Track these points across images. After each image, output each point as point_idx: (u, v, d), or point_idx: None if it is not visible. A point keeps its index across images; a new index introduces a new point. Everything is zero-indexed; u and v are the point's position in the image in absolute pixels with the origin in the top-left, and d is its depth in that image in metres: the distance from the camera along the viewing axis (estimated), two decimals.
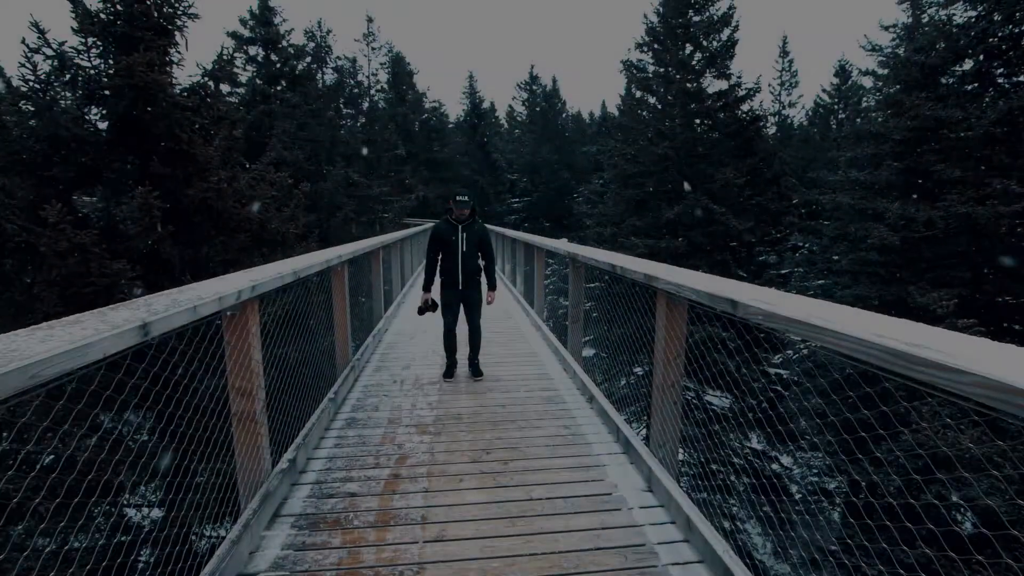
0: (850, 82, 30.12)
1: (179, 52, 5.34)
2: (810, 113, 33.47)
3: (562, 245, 5.68)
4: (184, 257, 4.81)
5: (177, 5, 5.14)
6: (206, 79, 5.45)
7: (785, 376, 11.54)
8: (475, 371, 4.78)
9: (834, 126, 31.13)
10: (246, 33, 18.68)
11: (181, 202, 4.80)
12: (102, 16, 4.80)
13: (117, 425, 3.60)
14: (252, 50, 18.72)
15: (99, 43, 4.81)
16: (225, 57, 5.51)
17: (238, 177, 5.40)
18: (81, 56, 4.74)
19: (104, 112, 4.76)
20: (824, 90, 31.68)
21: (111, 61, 4.76)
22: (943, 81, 9.91)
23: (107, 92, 4.54)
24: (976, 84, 9.29)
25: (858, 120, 26.70)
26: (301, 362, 3.73)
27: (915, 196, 9.56)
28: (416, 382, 4.70)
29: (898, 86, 10.42)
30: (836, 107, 31.25)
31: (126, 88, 4.38)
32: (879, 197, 10.11)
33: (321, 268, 3.66)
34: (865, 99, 27.27)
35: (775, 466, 10.92)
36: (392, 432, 3.58)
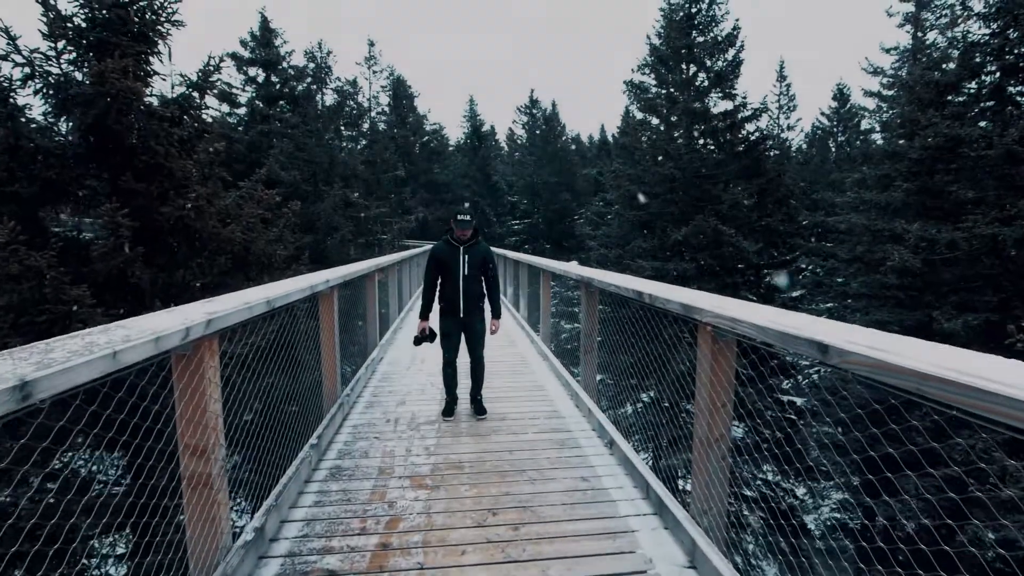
0: (848, 105, 30.20)
1: (162, 62, 4.99)
2: (809, 136, 33.55)
3: (573, 268, 5.24)
4: (156, 282, 4.36)
5: (160, 12, 4.79)
6: (190, 90, 5.08)
7: (801, 403, 11.00)
8: (478, 409, 4.28)
9: (833, 149, 31.18)
10: (246, 54, 18.63)
11: (155, 220, 4.37)
12: (76, 20, 4.45)
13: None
14: (252, 71, 18.67)
15: (71, 48, 4.45)
16: (211, 67, 5.15)
17: (220, 194, 4.98)
18: (51, 62, 4.36)
19: (75, 123, 4.36)
20: (823, 113, 31.78)
21: (85, 69, 4.39)
22: (956, 99, 9.65)
23: (77, 100, 4.15)
24: (993, 102, 9.02)
25: (858, 142, 26.70)
26: (283, 400, 3.25)
27: (933, 217, 9.19)
28: (412, 421, 4.20)
29: (910, 106, 10.16)
30: (835, 130, 31.31)
31: (98, 96, 4.00)
32: (896, 217, 9.74)
33: (304, 295, 3.20)
34: (867, 120, 27.29)
35: (791, 499, 10.29)
36: (383, 486, 3.08)
